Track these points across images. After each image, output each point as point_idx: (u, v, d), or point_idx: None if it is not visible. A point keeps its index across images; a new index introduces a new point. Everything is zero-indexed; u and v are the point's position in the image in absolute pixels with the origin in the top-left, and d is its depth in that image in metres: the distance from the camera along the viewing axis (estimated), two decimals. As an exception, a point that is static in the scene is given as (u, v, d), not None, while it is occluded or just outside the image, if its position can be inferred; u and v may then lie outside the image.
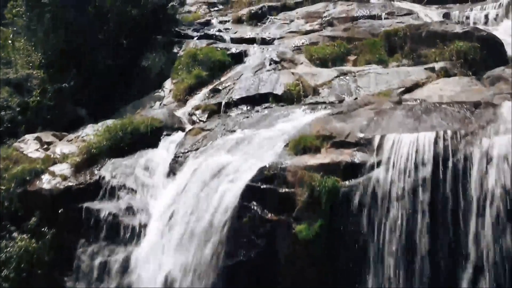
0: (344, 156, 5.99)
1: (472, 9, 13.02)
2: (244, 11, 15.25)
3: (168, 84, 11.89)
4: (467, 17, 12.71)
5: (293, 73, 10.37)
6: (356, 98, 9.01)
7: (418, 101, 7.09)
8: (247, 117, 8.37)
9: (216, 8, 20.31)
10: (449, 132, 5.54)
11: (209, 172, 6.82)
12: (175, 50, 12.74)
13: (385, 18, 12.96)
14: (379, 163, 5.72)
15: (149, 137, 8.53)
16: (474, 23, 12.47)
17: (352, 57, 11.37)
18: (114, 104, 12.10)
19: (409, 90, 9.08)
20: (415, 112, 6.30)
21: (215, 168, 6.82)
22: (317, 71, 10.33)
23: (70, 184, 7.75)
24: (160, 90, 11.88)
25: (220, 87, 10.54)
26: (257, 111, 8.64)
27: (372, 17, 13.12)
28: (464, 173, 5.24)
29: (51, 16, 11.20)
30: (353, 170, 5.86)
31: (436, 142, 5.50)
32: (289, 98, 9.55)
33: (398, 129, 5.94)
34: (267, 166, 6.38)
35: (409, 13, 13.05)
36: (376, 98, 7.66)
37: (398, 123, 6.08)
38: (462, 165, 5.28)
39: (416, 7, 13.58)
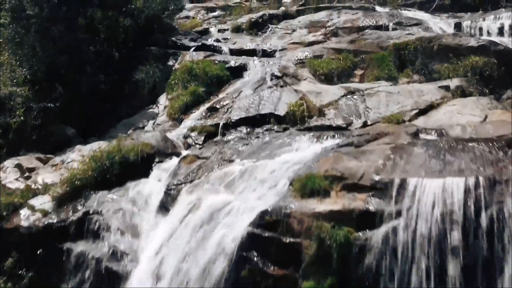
0: (358, 202, 5.17)
1: (485, 19, 12.17)
2: (244, 19, 14.41)
3: (162, 100, 11.06)
4: (480, 28, 11.84)
5: (296, 91, 9.55)
6: (365, 122, 8.23)
7: (439, 133, 6.23)
8: (247, 144, 7.55)
9: (215, 14, 19.48)
10: (481, 179, 4.72)
11: (203, 213, 6.02)
12: (170, 63, 11.90)
13: (393, 29, 12.12)
14: (398, 213, 4.90)
15: (140, 165, 7.71)
16: (488, 34, 11.63)
17: (359, 72, 10.56)
18: (105, 122, 11.32)
19: (423, 112, 8.31)
20: (438, 149, 5.46)
21: (211, 209, 6.02)
22: (322, 89, 9.51)
23: (50, 221, 6.93)
24: (154, 106, 11.06)
25: (217, 106, 9.73)
26: (258, 137, 7.83)
27: (379, 27, 12.29)
28: (501, 231, 4.41)
29: (38, 29, 10.33)
30: (368, 219, 5.04)
31: (466, 191, 4.67)
32: (292, 119, 8.77)
33: (420, 172, 5.11)
34: (270, 210, 5.57)
35: (419, 23, 12.22)
36: (390, 128, 6.83)
37: (419, 164, 5.25)
38: (499, 221, 4.45)
39: (425, 17, 12.74)
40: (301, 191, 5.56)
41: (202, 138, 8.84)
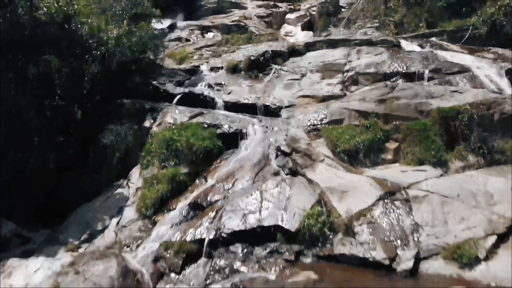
0: None
1: (544, 64, 9.25)
2: (242, 55, 11.45)
3: (135, 177, 8.21)
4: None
5: (311, 182, 6.73)
6: (417, 255, 5.38)
7: None
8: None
9: (209, 36, 16.63)
10: None
11: None
12: (147, 123, 9.00)
13: (429, 78, 9.21)
14: None
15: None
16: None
17: (392, 145, 7.69)
18: (65, 197, 8.49)
19: (502, 238, 5.44)
20: None
21: None
22: (348, 183, 6.64)
23: None
24: (124, 184, 8.23)
25: (204, 202, 6.88)
26: (259, 277, 4.94)
27: (411, 75, 9.37)
28: None
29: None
30: None
31: None
32: (308, 238, 5.93)
33: None
34: None
35: (462, 70, 9.28)
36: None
37: None
38: None
39: (467, 60, 9.77)
40: None
41: (180, 262, 6.02)
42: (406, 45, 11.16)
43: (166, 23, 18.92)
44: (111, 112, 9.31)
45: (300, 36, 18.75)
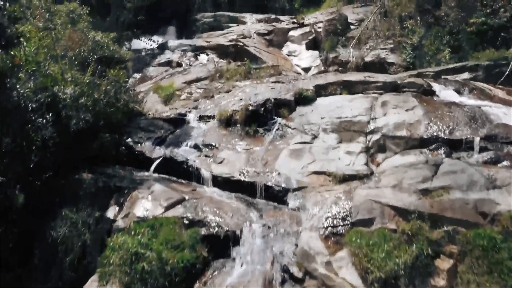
0: None
1: None
2: (237, 102, 8.99)
3: (90, 293, 5.78)
4: None
5: None
6: None
7: None
8: None
9: (204, 61, 14.25)
10: None
11: None
12: (110, 213, 6.59)
13: (481, 149, 6.78)
14: None
15: None
16: None
17: (444, 263, 5.39)
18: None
19: None
20: None
21: None
22: None
23: None
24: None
25: None
26: None
27: (457, 144, 6.97)
28: None
29: None
30: None
31: None
32: None
33: None
34: None
35: (523, 139, 6.84)
36: None
37: None
38: None
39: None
40: None
41: None
42: (440, 90, 8.74)
43: (156, 42, 16.59)
44: (66, 190, 6.94)
45: (305, 56, 16.34)
